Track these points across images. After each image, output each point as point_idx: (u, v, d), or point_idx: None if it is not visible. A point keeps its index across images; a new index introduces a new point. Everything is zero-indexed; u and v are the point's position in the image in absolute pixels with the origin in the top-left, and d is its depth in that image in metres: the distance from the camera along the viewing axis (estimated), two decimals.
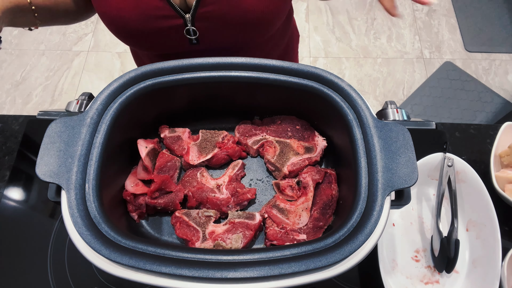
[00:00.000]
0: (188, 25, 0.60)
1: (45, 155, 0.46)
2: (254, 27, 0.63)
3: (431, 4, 0.46)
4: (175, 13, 0.59)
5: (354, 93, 0.53)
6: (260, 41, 0.68)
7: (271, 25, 0.65)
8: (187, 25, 0.60)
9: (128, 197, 0.58)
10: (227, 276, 0.41)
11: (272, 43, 0.77)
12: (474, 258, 0.65)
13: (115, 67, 1.96)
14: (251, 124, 0.68)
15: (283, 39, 0.81)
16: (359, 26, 2.07)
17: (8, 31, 2.05)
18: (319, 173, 0.61)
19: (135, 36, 0.63)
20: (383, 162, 0.47)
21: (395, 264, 0.65)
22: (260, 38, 0.67)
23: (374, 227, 0.44)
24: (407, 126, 0.51)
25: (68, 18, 0.70)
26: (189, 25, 0.60)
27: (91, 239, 0.42)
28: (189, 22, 0.60)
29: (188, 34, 0.62)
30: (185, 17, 0.59)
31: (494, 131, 0.79)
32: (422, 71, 1.93)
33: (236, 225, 0.57)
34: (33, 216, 0.70)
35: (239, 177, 0.64)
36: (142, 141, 0.61)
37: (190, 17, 0.59)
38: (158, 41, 0.64)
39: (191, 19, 0.59)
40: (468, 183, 0.69)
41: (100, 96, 0.52)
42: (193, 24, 0.60)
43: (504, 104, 1.80)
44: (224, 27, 0.62)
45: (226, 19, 0.60)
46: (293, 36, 0.89)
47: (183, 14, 0.59)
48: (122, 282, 0.64)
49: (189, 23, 0.60)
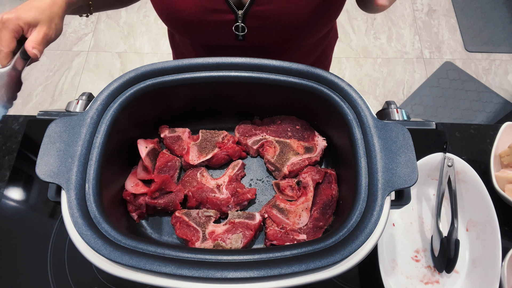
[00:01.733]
0: (239, 22, 0.60)
1: (45, 155, 0.46)
2: (303, 30, 0.63)
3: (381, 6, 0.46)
4: (228, 8, 0.59)
5: (354, 93, 0.53)
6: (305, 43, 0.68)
7: (321, 29, 0.65)
8: (238, 22, 0.60)
9: (128, 197, 0.58)
10: (227, 276, 0.40)
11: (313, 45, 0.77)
12: (474, 258, 0.65)
13: (115, 67, 1.96)
14: (251, 124, 0.68)
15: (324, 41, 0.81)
16: (359, 26, 2.07)
17: None
18: (319, 173, 0.61)
19: (185, 25, 0.63)
20: (383, 162, 0.47)
21: (395, 264, 0.65)
22: (307, 41, 0.67)
23: (374, 227, 0.44)
24: (407, 126, 0.51)
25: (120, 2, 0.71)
26: (239, 21, 0.60)
27: (91, 239, 0.42)
28: (240, 18, 0.60)
29: (237, 31, 0.62)
30: (237, 14, 0.59)
31: (494, 131, 0.79)
32: (422, 71, 1.93)
33: (236, 225, 0.57)
34: (33, 216, 0.70)
35: (239, 177, 0.64)
36: (142, 141, 0.61)
37: (242, 14, 0.59)
38: (205, 33, 0.65)
39: (243, 16, 0.59)
40: (468, 183, 0.69)
41: (100, 96, 0.52)
42: (243, 21, 0.60)
43: (504, 104, 1.80)
44: (273, 27, 0.62)
45: (278, 19, 0.60)
46: (333, 37, 0.88)
47: (236, 10, 0.59)
48: (122, 282, 0.64)
49: (240, 20, 0.60)
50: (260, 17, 0.60)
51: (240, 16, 0.59)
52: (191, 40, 0.71)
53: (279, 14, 0.59)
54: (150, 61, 1.95)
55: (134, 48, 2.01)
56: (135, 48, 2.01)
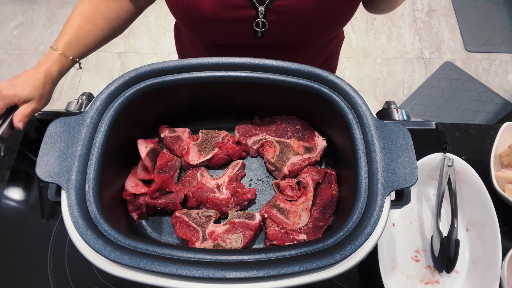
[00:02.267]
0: (260, 17, 0.60)
1: (45, 155, 0.46)
2: (322, 25, 0.63)
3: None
4: (249, 3, 0.58)
5: (354, 93, 0.53)
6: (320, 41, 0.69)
7: (339, 25, 0.65)
8: (259, 17, 0.60)
9: (128, 197, 0.58)
10: (227, 276, 0.41)
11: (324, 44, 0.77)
12: (474, 258, 0.65)
13: (115, 67, 1.96)
14: (251, 124, 0.68)
15: (334, 40, 0.82)
16: (359, 26, 2.07)
17: (8, 31, 2.05)
18: (319, 173, 0.61)
19: (204, 24, 0.63)
20: (383, 162, 0.47)
21: (395, 264, 0.65)
22: (323, 38, 0.67)
23: (374, 227, 0.44)
24: (407, 126, 0.51)
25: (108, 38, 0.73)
26: (260, 17, 0.60)
27: (91, 239, 0.42)
28: (261, 14, 0.59)
29: (257, 27, 0.62)
30: (258, 9, 0.59)
31: (494, 131, 0.79)
32: (422, 71, 1.93)
33: (236, 225, 0.57)
34: (33, 216, 0.70)
35: (239, 177, 0.64)
36: (142, 141, 0.61)
37: (264, 9, 0.59)
38: (224, 31, 0.64)
39: (264, 11, 0.59)
40: (468, 183, 0.69)
41: (100, 96, 0.52)
42: (264, 16, 0.60)
43: (504, 104, 1.80)
44: (293, 22, 0.62)
45: (298, 14, 0.60)
46: (341, 37, 0.89)
47: (257, 5, 0.59)
48: (122, 282, 0.64)
49: (261, 15, 0.60)
50: (281, 12, 0.59)
51: (261, 12, 0.59)
52: (208, 39, 0.71)
53: (300, 9, 0.59)
54: (150, 61, 1.95)
55: (134, 48, 2.01)
56: (135, 48, 2.01)
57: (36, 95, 0.63)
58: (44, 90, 0.64)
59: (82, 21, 0.66)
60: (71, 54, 0.66)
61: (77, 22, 0.66)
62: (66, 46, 0.65)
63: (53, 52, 0.65)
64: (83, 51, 0.68)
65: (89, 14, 0.67)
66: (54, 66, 0.65)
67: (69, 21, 0.66)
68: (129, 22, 0.74)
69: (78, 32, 0.66)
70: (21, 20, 2.09)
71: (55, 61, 0.65)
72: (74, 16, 0.67)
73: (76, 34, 0.66)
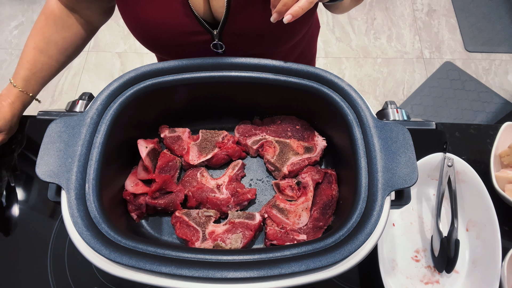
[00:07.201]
0: (216, 40, 0.60)
1: (45, 155, 0.46)
2: (279, 38, 0.63)
3: (287, 20, 0.45)
4: (203, 29, 0.59)
5: (354, 93, 0.53)
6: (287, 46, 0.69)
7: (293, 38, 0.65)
8: (215, 40, 0.60)
9: (128, 197, 0.58)
10: (227, 276, 0.41)
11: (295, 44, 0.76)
12: (474, 258, 0.65)
13: (115, 67, 1.96)
14: (251, 124, 0.68)
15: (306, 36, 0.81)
16: (359, 26, 2.07)
17: (8, 31, 2.05)
18: (319, 173, 0.61)
19: (164, 48, 0.64)
20: (383, 162, 0.47)
21: (395, 264, 0.65)
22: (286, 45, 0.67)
23: (374, 227, 0.44)
24: (407, 126, 0.51)
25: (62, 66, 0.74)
26: (216, 40, 0.60)
27: (91, 239, 0.42)
28: (216, 37, 0.60)
29: (215, 48, 0.62)
30: (212, 33, 0.59)
31: (494, 131, 0.79)
32: (422, 71, 1.93)
33: (236, 225, 0.57)
34: (33, 216, 0.70)
35: (239, 177, 0.64)
36: (142, 141, 0.61)
37: (218, 33, 0.59)
38: (185, 52, 0.65)
39: (219, 35, 0.59)
40: (468, 183, 0.69)
41: (100, 96, 0.52)
42: (220, 39, 0.60)
43: (504, 104, 1.80)
44: (249, 40, 0.62)
45: (252, 33, 0.60)
46: (314, 28, 0.87)
47: (211, 30, 0.59)
48: (122, 282, 0.64)
49: (216, 38, 0.60)
50: (234, 33, 0.60)
51: (216, 35, 0.59)
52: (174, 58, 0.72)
53: (252, 29, 0.59)
54: (150, 61, 1.94)
55: (134, 48, 2.01)
56: (135, 48, 2.01)
57: (5, 128, 0.67)
58: (12, 123, 0.68)
59: (37, 55, 0.67)
60: (31, 91, 0.69)
61: (31, 56, 0.67)
62: (25, 83, 0.68)
63: (13, 88, 0.67)
64: (42, 83, 0.71)
65: (43, 47, 0.68)
66: (17, 102, 0.68)
67: (24, 55, 0.67)
68: (84, 45, 0.75)
69: (34, 66, 0.67)
70: (21, 20, 2.09)
71: (17, 97, 0.68)
72: (29, 49, 0.67)
73: (33, 69, 0.67)
